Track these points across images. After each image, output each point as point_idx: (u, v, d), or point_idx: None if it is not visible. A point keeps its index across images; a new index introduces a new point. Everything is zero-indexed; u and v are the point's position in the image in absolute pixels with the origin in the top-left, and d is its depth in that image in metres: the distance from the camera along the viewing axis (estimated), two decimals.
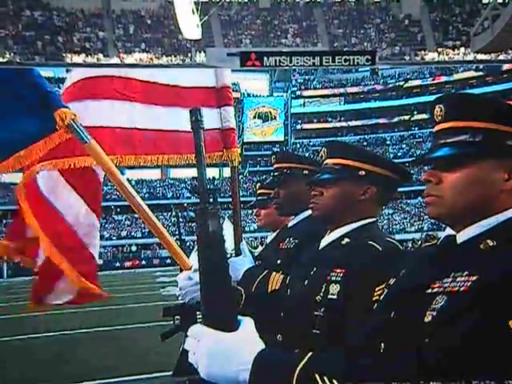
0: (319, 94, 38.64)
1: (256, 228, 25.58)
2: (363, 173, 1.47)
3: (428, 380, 0.71)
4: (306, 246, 1.80)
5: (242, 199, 2.38)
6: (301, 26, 15.78)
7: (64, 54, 12.65)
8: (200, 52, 12.96)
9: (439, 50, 14.17)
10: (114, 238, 28.53)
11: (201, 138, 1.52)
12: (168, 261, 23.66)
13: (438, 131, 1.01)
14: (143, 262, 26.94)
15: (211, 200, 1.17)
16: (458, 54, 14.01)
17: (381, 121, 37.18)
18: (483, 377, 0.69)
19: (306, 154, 35.15)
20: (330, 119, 38.66)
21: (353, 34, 15.29)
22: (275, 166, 2.17)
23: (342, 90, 38.09)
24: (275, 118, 38.85)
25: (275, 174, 2.12)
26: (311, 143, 38.25)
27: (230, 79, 3.55)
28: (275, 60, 11.35)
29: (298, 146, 38.07)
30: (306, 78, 38.71)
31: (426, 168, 1.11)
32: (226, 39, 13.84)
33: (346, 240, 1.53)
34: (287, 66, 11.67)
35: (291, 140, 38.64)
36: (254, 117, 38.70)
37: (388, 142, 36.85)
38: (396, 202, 30.77)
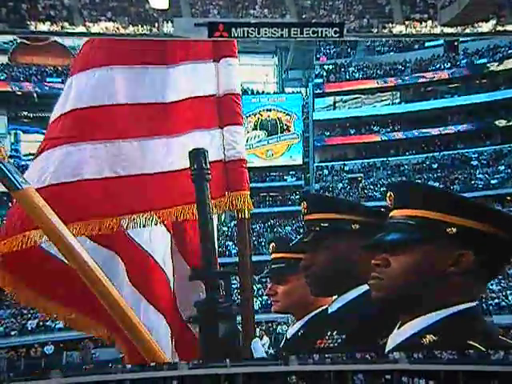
0: (359, 87, 38.22)
1: (259, 306, 25.41)
2: (454, 230, 1.82)
3: None
4: None
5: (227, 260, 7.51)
6: None
7: (28, 22, 16.94)
8: (167, 22, 17.19)
9: (406, 22, 19.36)
10: None
11: (207, 195, 1.08)
12: None
13: None
14: None
15: (222, 290, 0.95)
16: (426, 26, 19.06)
17: (462, 128, 36.62)
18: None
19: (339, 185, 37.78)
20: (376, 128, 38.40)
21: (321, 5, 20.45)
22: (307, 217, 2.77)
23: (396, 80, 37.61)
24: (288, 128, 39.03)
25: (309, 229, 2.66)
26: (346, 168, 38.32)
27: (239, 81, 5.84)
28: (243, 31, 15.35)
29: (326, 172, 38.36)
30: (338, 62, 39.12)
31: None
32: (194, 9, 18.41)
33: (430, 338, 1.87)
34: (255, 37, 15.62)
35: (314, 163, 38.88)
36: (255, 127, 38.82)
37: (474, 163, 35.99)
38: None
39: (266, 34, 15.67)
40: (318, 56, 39.37)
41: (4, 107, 35.45)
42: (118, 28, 16.85)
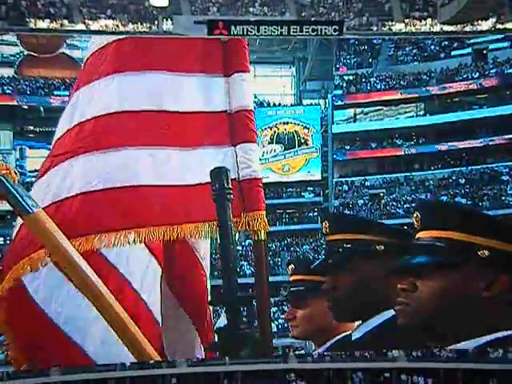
0: (381, 99, 37.92)
1: (275, 331, 24.41)
2: (486, 253, 1.61)
3: None
4: None
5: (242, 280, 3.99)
6: None
7: (28, 19, 17.86)
8: (167, 20, 18.19)
9: (406, 20, 20.59)
10: None
11: (229, 216, 3.29)
12: None
13: None
14: None
15: (244, 316, 1.50)
16: (425, 25, 20.36)
17: (491, 141, 35.80)
18: None
19: (360, 202, 37.43)
20: (399, 141, 38.13)
21: (320, 3, 21.70)
22: (329, 238, 2.68)
23: (421, 91, 37.01)
24: (306, 141, 39.13)
25: (330, 250, 2.65)
26: (367, 183, 38.05)
27: (252, 96, 5.64)
28: (243, 29, 16.08)
29: (346, 187, 38.04)
30: (359, 72, 39.03)
31: None
32: (193, 7, 19.49)
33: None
34: (255, 35, 16.67)
35: (333, 179, 38.60)
36: (271, 141, 39.04)
37: (505, 178, 35.42)
38: None
39: (265, 31, 16.80)
40: (337, 66, 39.29)
41: (10, 122, 35.35)
42: (117, 26, 17.82)
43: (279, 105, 40.10)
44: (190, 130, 5.70)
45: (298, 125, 38.60)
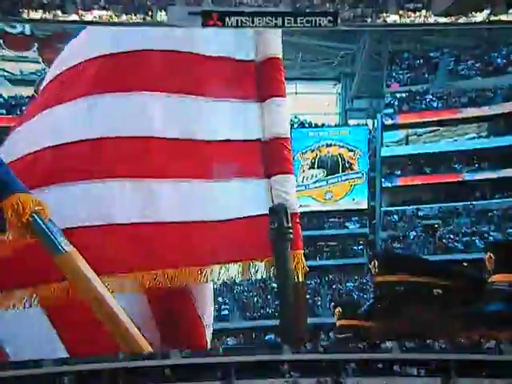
0: (437, 118, 36.85)
1: None
2: None
3: None
4: None
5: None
6: None
7: (21, 9, 19.06)
8: (161, 10, 19.32)
9: (400, 12, 21.73)
10: None
11: (287, 256, 4.63)
12: None
13: None
14: None
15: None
16: (420, 16, 21.57)
17: None
18: None
19: (412, 234, 36.79)
20: (458, 166, 37.01)
21: None
22: (378, 279, 5.03)
23: (483, 111, 35.71)
24: (351, 166, 38.41)
25: (381, 293, 5.05)
26: (420, 213, 37.01)
27: (288, 123, 6.19)
28: (237, 20, 17.61)
29: (396, 217, 37.19)
30: (413, 89, 38.37)
31: None
32: None
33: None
34: (249, 26, 17.65)
35: (381, 207, 37.86)
36: (313, 165, 38.38)
37: None
38: None
39: (259, 23, 17.83)
40: (388, 82, 38.82)
41: None
42: (111, 16, 18.61)
43: (322, 125, 39.79)
44: (218, 160, 5.53)
45: (343, 147, 38.10)
